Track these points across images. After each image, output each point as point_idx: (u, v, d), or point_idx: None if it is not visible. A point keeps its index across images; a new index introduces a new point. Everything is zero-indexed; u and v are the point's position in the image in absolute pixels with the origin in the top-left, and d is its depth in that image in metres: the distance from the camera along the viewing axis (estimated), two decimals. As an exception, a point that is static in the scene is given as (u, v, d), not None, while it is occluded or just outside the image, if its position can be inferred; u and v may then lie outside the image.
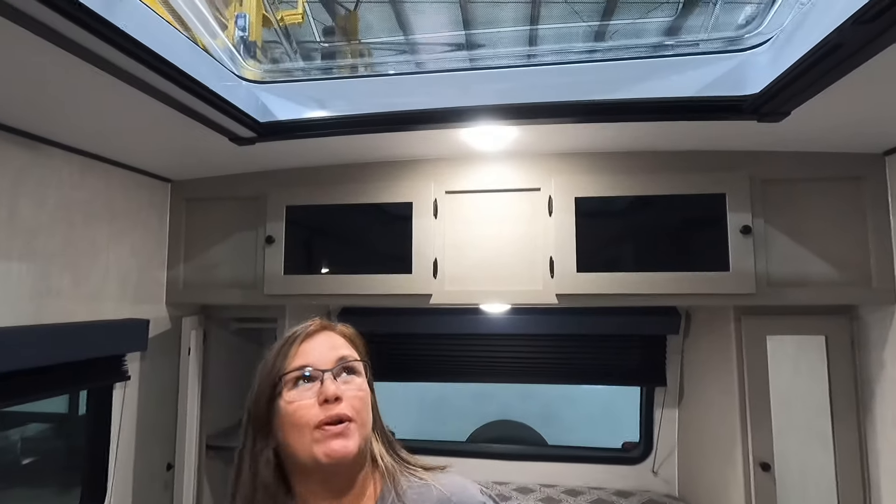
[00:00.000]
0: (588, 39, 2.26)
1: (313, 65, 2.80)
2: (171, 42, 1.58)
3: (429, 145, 2.38)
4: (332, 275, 2.59)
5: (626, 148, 2.39)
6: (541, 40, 3.09)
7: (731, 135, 2.14)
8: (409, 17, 5.38)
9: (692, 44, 1.94)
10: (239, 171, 2.67)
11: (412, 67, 2.63)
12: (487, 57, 2.63)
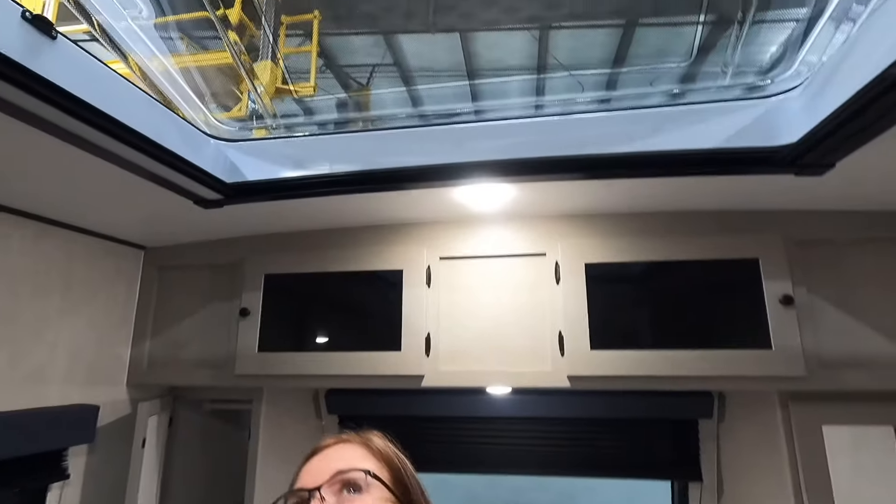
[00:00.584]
0: (597, 89, 2.07)
1: (294, 121, 2.65)
2: (122, 99, 1.40)
3: (421, 207, 2.14)
4: (310, 352, 2.28)
5: (641, 208, 2.13)
6: (546, 91, 2.96)
7: (762, 191, 1.87)
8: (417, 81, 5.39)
9: (712, 90, 1.72)
10: (214, 236, 2.45)
11: (408, 121, 2.46)
12: (491, 109, 2.47)
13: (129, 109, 1.43)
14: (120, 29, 1.56)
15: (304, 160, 1.94)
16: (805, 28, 1.50)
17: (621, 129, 1.74)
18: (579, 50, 3.87)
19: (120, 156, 1.47)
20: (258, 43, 4.79)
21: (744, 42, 1.64)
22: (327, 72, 5.60)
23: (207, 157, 1.77)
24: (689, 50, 1.80)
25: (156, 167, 1.56)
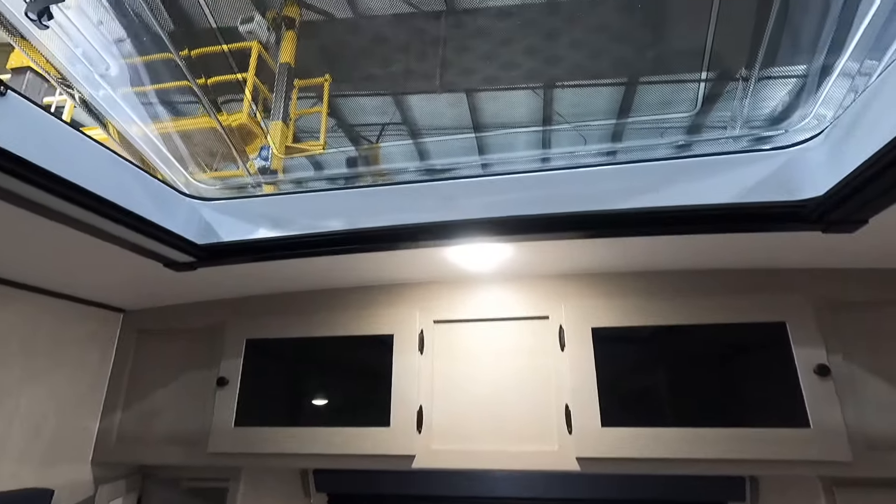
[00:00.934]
0: (602, 141, 1.96)
1: (277, 179, 2.56)
2: (79, 159, 1.31)
3: (413, 267, 1.99)
4: (290, 427, 2.07)
5: (652, 266, 1.95)
6: (551, 143, 2.88)
7: (785, 248, 1.69)
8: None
9: (721, 142, 1.59)
10: (194, 298, 2.30)
11: (412, 175, 2.35)
12: (495, 162, 2.36)
13: (88, 169, 1.32)
14: (99, 97, 1.49)
15: (287, 218, 1.82)
16: (818, 79, 1.38)
17: (628, 182, 1.60)
18: (581, 104, 3.85)
19: (75, 218, 1.36)
20: (269, 104, 4.88)
21: (752, 93, 1.53)
22: (338, 131, 5.68)
23: (180, 217, 1.66)
24: (693, 101, 1.70)
25: (117, 230, 1.44)
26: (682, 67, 2.04)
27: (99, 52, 1.37)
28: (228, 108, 4.70)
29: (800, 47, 1.43)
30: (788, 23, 1.41)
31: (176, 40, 2.47)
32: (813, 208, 1.37)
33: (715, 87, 1.73)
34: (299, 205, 1.82)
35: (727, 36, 1.56)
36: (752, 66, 1.60)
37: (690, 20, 1.66)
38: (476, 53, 4.09)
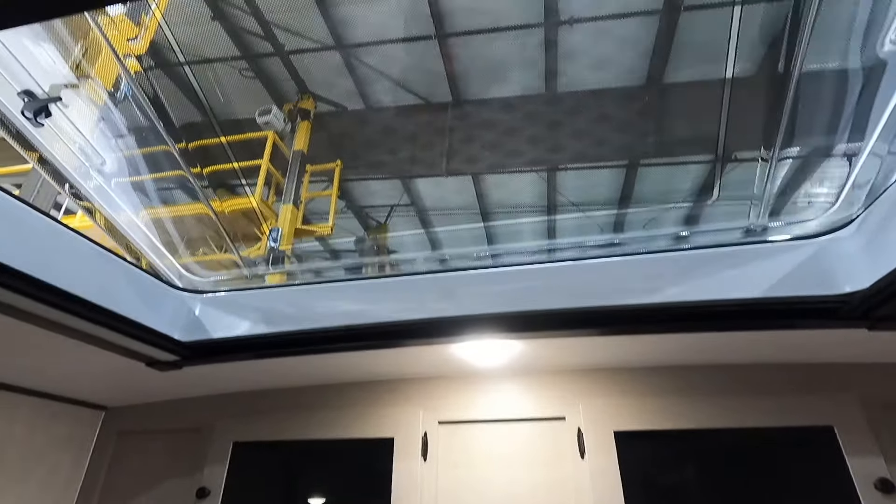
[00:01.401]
0: (613, 230, 1.88)
1: (279, 270, 2.49)
2: (54, 254, 1.23)
3: (416, 362, 1.84)
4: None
5: (680, 361, 1.78)
6: (556, 231, 2.82)
7: (827, 343, 1.54)
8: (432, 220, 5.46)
9: (740, 231, 1.49)
10: (179, 396, 2.14)
11: (415, 266, 2.26)
12: (502, 252, 2.28)
13: (68, 267, 1.25)
14: (91, 188, 1.46)
15: (283, 313, 1.70)
16: (847, 156, 1.31)
17: (646, 274, 1.49)
18: (586, 188, 3.86)
19: (52, 321, 1.26)
20: (282, 188, 5.00)
21: (771, 179, 1.45)
22: (347, 212, 5.77)
23: (166, 313, 1.56)
24: (711, 189, 1.65)
25: (97, 331, 1.34)
26: (698, 152, 2.01)
27: (95, 148, 1.36)
28: (240, 193, 4.80)
29: (818, 135, 1.38)
30: (804, 111, 1.37)
31: (186, 132, 2.52)
32: (856, 304, 1.24)
33: (735, 175, 1.67)
34: (296, 298, 1.71)
35: (739, 123, 1.52)
36: (771, 150, 1.54)
37: (704, 112, 1.65)
38: (481, 142, 4.18)
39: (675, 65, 2.53)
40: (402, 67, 4.19)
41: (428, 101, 4.61)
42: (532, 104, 3.62)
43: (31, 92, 1.16)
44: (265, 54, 4.24)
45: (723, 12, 1.91)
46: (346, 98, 4.57)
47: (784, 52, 1.43)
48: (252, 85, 4.50)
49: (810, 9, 1.26)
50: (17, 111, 1.18)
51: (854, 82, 1.27)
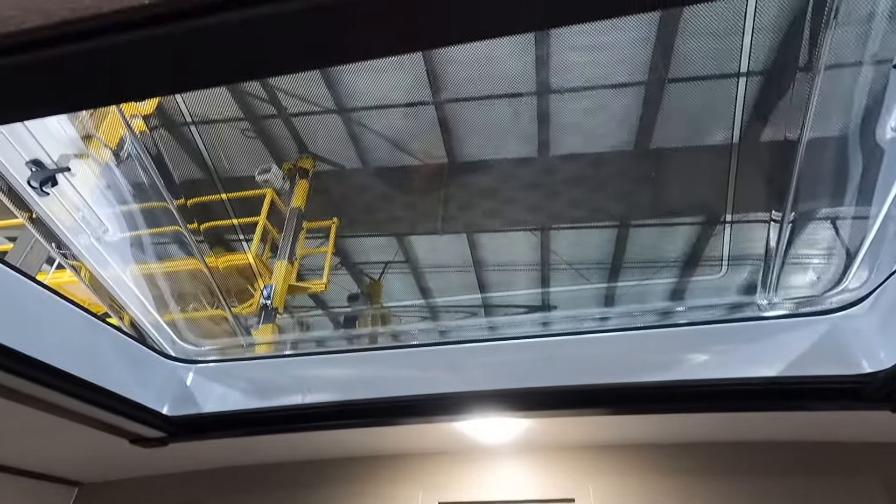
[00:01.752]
0: (621, 302, 1.86)
1: (287, 338, 2.41)
2: (41, 325, 1.18)
3: (414, 438, 1.75)
4: None
5: (692, 438, 1.70)
6: (559, 302, 2.79)
7: (847, 423, 1.47)
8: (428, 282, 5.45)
9: (752, 306, 1.47)
10: (161, 471, 2.00)
11: (410, 336, 2.20)
12: (501, 325, 2.23)
13: (60, 338, 1.19)
14: (81, 246, 1.41)
15: (278, 385, 1.62)
16: (856, 232, 1.31)
17: (654, 349, 1.44)
18: (583, 249, 3.89)
19: (40, 398, 1.18)
20: (277, 244, 4.98)
21: (779, 254, 1.45)
22: (341, 269, 5.74)
23: (155, 384, 1.48)
24: (719, 262, 1.64)
25: (83, 408, 1.25)
26: (698, 217, 2.02)
27: (100, 217, 1.33)
28: (231, 248, 4.76)
29: (826, 211, 1.39)
30: (809, 189, 1.39)
31: (186, 188, 2.51)
32: (879, 385, 1.19)
33: (744, 250, 1.67)
34: (292, 369, 1.64)
35: (741, 190, 1.53)
36: (780, 225, 1.54)
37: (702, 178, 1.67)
38: (477, 201, 4.24)
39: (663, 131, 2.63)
40: (400, 130, 4.31)
41: (425, 163, 4.71)
42: (527, 167, 3.71)
43: (40, 161, 1.15)
44: (268, 116, 4.35)
45: (719, 84, 1.99)
46: (344, 157, 4.66)
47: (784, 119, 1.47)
48: (253, 144, 4.58)
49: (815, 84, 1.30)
50: (16, 172, 1.15)
51: (855, 160, 1.30)
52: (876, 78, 1.19)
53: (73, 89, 0.47)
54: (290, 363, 1.62)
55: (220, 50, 0.44)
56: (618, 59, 2.20)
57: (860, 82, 1.26)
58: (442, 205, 4.81)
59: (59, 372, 1.12)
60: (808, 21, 1.35)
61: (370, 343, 2.53)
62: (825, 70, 1.24)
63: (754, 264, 1.63)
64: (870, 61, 1.19)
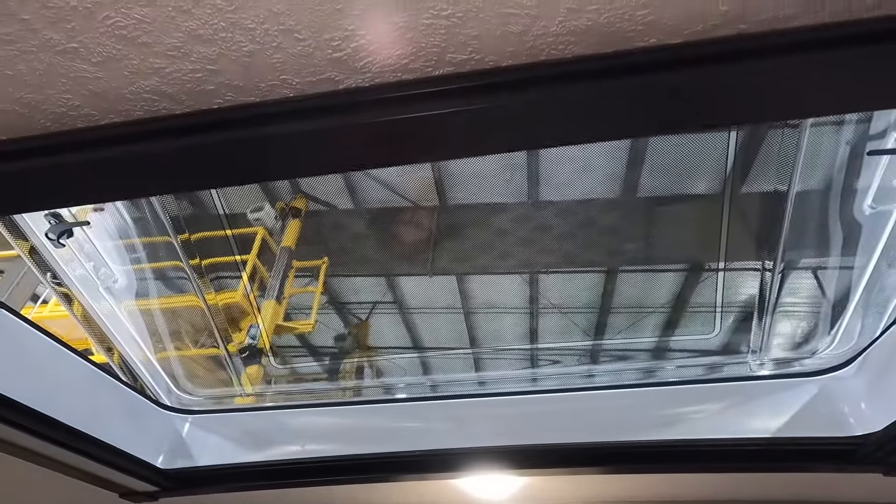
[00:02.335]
0: (619, 361, 1.90)
1: (284, 388, 2.39)
2: (45, 374, 1.17)
3: (407, 496, 1.71)
4: None
5: (693, 497, 1.70)
6: (545, 362, 2.80)
7: (842, 485, 1.49)
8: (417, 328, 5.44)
9: (742, 365, 1.52)
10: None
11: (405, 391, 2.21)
12: (491, 381, 2.24)
13: (61, 389, 1.17)
14: (76, 278, 1.40)
15: (272, 437, 1.60)
16: (840, 297, 1.38)
17: (650, 407, 1.47)
18: (572, 294, 3.96)
19: (32, 450, 1.15)
20: (265, 284, 4.95)
21: (770, 320, 1.51)
22: (329, 308, 5.71)
23: (151, 435, 1.45)
24: (712, 323, 1.71)
25: (77, 461, 1.22)
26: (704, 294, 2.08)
27: (111, 268, 1.34)
28: (219, 286, 4.71)
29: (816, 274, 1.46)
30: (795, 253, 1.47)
31: (178, 225, 2.51)
32: (871, 448, 1.23)
33: (733, 312, 1.73)
34: (288, 421, 1.62)
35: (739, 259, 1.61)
36: (768, 293, 1.61)
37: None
38: (466, 244, 4.31)
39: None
40: (393, 173, 4.41)
41: (416, 205, 4.80)
42: (519, 211, 3.81)
43: (59, 214, 1.17)
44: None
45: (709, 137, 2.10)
46: (336, 198, 4.73)
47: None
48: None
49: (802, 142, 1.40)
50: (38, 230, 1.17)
51: (836, 231, 1.39)
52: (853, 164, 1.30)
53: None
54: (287, 414, 1.60)
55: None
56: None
57: (837, 173, 1.37)
58: (432, 247, 4.86)
59: (53, 422, 1.10)
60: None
61: (363, 390, 2.50)
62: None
63: (743, 325, 1.69)
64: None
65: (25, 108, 0.53)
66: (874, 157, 1.20)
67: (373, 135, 0.51)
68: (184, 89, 0.52)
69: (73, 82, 0.51)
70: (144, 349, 1.57)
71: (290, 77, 0.51)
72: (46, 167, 0.56)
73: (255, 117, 0.52)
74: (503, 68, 0.49)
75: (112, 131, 0.55)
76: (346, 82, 0.51)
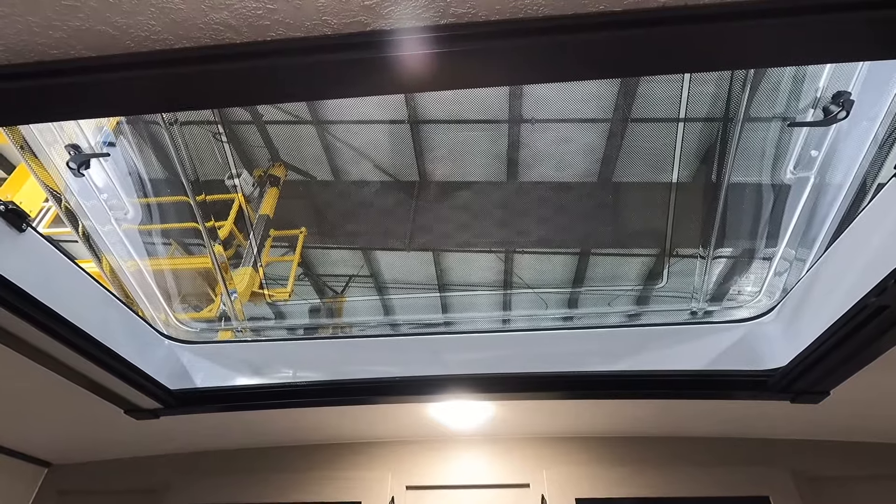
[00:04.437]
0: (562, 306, 2.12)
1: (262, 325, 2.54)
2: (77, 296, 1.30)
3: (386, 423, 1.91)
4: None
5: (634, 432, 1.95)
6: (515, 305, 3.04)
7: (761, 418, 1.75)
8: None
9: (685, 313, 1.75)
10: (137, 453, 2.06)
11: (380, 330, 2.38)
12: (463, 321, 2.44)
13: (81, 305, 1.31)
14: (103, 233, 1.54)
15: (265, 366, 1.77)
16: (767, 255, 1.62)
17: (605, 346, 1.69)
18: (543, 272, 4.18)
19: (52, 355, 1.28)
20: (243, 251, 5.00)
21: (708, 271, 1.75)
22: (305, 279, 5.78)
23: (156, 359, 1.60)
24: (661, 275, 1.93)
25: (92, 370, 1.36)
26: (646, 243, 2.31)
27: (124, 200, 1.46)
28: (198, 251, 4.77)
29: (744, 237, 1.69)
30: (732, 218, 1.70)
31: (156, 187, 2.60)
32: (779, 378, 1.48)
33: (678, 266, 1.96)
34: (278, 352, 1.79)
35: (683, 222, 1.83)
36: (707, 249, 1.84)
37: (652, 210, 1.97)
38: (444, 221, 4.49)
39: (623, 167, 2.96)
40: (375, 147, 4.50)
41: (396, 179, 4.92)
42: (496, 191, 3.98)
43: (77, 146, 1.28)
44: (242, 122, 4.43)
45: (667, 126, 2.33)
46: (315, 168, 4.79)
47: (716, 165, 1.79)
48: (223, 148, 4.63)
49: (734, 133, 1.63)
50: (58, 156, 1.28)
51: (768, 198, 1.61)
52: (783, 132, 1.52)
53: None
54: (279, 346, 1.77)
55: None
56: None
57: (771, 136, 1.59)
58: (410, 222, 4.99)
59: (85, 334, 1.24)
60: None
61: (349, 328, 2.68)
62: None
63: (688, 280, 1.93)
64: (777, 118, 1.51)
65: (117, 31, 0.68)
66: (795, 128, 1.41)
67: (389, 66, 0.68)
68: (245, 23, 0.67)
69: (159, 11, 0.65)
70: (152, 287, 1.71)
71: (329, 18, 0.67)
72: (125, 79, 0.71)
73: (301, 49, 0.67)
74: (491, 21, 0.66)
75: (183, 54, 0.70)
76: (373, 25, 0.67)
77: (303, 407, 1.67)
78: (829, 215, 1.42)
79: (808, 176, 1.40)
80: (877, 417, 1.66)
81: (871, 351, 1.22)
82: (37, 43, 0.69)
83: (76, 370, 1.37)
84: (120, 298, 1.53)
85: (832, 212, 1.42)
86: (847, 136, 1.27)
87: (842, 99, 1.20)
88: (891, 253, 1.05)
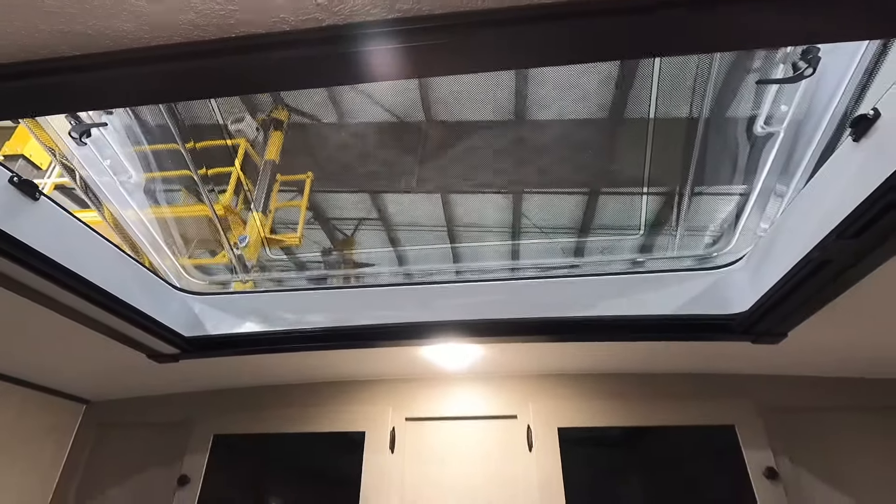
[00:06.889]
0: (566, 255, 2.21)
1: (269, 276, 2.69)
2: (93, 256, 1.43)
3: (388, 364, 2.09)
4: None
5: (612, 369, 2.10)
6: (520, 254, 3.14)
7: (728, 356, 1.89)
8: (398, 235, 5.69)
9: (666, 260, 1.84)
10: (165, 391, 2.29)
11: (389, 279, 2.51)
12: (468, 270, 2.56)
13: (99, 265, 1.44)
14: (102, 184, 1.64)
15: (272, 314, 1.92)
16: (740, 206, 1.68)
17: (586, 293, 1.81)
18: (548, 219, 4.23)
19: (79, 311, 1.44)
20: (251, 197, 5.10)
21: (687, 219, 1.81)
22: (315, 223, 5.91)
23: (171, 310, 1.75)
24: (639, 225, 2.00)
25: (114, 322, 1.52)
26: (630, 183, 2.35)
27: (125, 164, 1.55)
28: (211, 198, 4.90)
29: (720, 183, 1.74)
30: (709, 171, 1.74)
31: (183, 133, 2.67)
32: (741, 322, 1.59)
33: (660, 213, 2.02)
34: (284, 302, 1.94)
35: (662, 166, 1.87)
36: (685, 183, 1.90)
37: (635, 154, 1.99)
38: (450, 162, 4.51)
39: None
40: (379, 87, 4.45)
41: (402, 120, 4.88)
42: (503, 129, 3.97)
43: (78, 116, 1.36)
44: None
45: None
46: (319, 109, 4.77)
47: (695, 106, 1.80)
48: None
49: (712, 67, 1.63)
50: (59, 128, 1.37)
51: (743, 149, 1.65)
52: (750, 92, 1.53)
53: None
54: (284, 296, 1.92)
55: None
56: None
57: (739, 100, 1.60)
58: (417, 161, 4.99)
59: (103, 290, 1.38)
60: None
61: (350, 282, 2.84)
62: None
63: (665, 228, 2.00)
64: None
65: (93, 31, 0.75)
66: (763, 85, 1.43)
67: (341, 59, 0.74)
68: (211, 22, 0.73)
69: (132, 15, 0.72)
70: (159, 242, 1.84)
71: (287, 16, 0.72)
72: (102, 78, 0.78)
73: (264, 45, 0.74)
74: (434, 15, 0.71)
75: (158, 52, 0.77)
76: (327, 21, 0.73)
77: (309, 350, 1.84)
78: (801, 166, 1.47)
79: (778, 130, 1.43)
80: (830, 355, 1.78)
81: (819, 299, 1.32)
82: (24, 44, 0.76)
83: (103, 323, 1.53)
84: (133, 257, 1.67)
85: (803, 162, 1.46)
86: (817, 89, 1.29)
87: (810, 55, 1.21)
88: (837, 210, 1.11)
